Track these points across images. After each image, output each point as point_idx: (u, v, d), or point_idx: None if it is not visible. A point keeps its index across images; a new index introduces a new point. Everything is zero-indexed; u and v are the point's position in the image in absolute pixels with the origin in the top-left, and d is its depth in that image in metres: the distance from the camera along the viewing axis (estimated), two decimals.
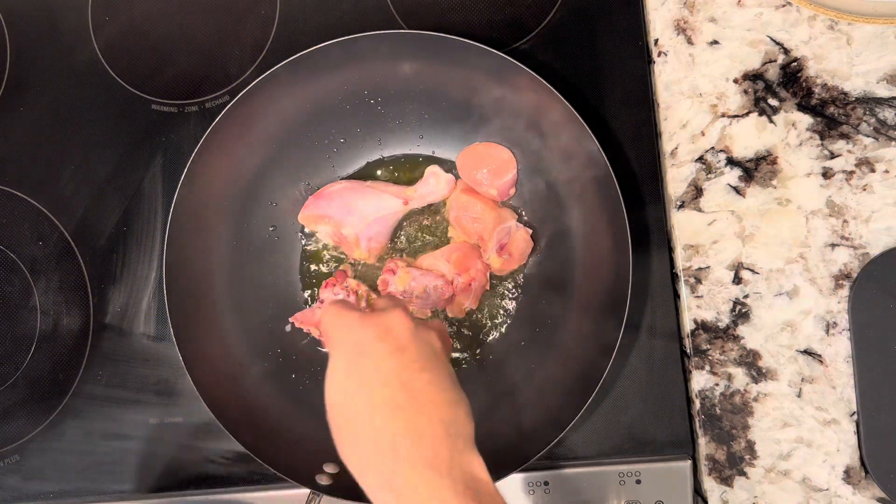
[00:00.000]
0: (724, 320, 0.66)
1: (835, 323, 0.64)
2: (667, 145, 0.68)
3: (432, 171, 0.69)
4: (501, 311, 0.70)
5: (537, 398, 0.65)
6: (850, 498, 0.63)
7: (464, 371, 0.69)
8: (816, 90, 0.66)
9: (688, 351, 0.66)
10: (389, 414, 0.46)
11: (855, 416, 0.63)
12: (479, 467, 0.45)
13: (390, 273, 0.68)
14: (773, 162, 0.66)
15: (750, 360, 0.65)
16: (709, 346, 0.65)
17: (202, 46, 0.76)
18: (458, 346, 0.69)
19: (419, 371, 0.47)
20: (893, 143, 0.65)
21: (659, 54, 0.68)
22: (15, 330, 0.73)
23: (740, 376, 0.65)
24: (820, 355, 0.64)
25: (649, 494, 0.65)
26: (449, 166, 0.70)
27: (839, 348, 0.64)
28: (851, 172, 0.65)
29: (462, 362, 0.69)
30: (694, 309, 0.66)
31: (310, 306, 0.70)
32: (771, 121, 0.67)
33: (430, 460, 0.44)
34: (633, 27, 0.71)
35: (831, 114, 0.66)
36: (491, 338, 0.70)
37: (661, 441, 0.67)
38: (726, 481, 0.64)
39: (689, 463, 0.65)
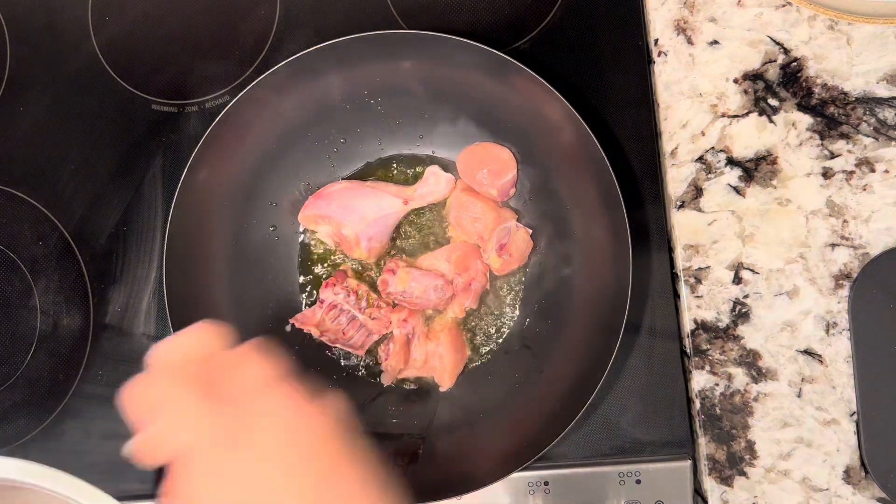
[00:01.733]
0: (724, 320, 0.66)
1: (835, 323, 0.64)
2: (667, 145, 0.68)
3: (432, 170, 0.69)
4: (501, 312, 0.70)
5: (538, 398, 0.65)
6: (850, 498, 0.63)
7: (465, 372, 0.69)
8: (816, 90, 0.66)
9: (688, 351, 0.66)
10: None
11: (855, 416, 0.63)
12: None
13: (390, 273, 0.68)
14: (773, 162, 0.66)
15: (750, 360, 0.65)
16: (709, 346, 0.65)
17: (202, 46, 0.76)
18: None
19: (335, 477, 0.35)
20: (893, 143, 0.65)
21: (659, 54, 0.68)
22: (15, 330, 0.73)
23: (740, 376, 0.65)
24: (820, 355, 0.64)
25: (649, 494, 0.65)
26: (449, 166, 0.70)
27: (839, 348, 0.64)
28: (851, 172, 0.65)
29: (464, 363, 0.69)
30: (694, 309, 0.66)
31: (310, 307, 0.70)
32: (771, 121, 0.67)
33: None
34: (633, 27, 0.71)
35: (831, 114, 0.66)
36: (491, 338, 0.70)
37: (661, 441, 0.67)
38: (726, 481, 0.64)
39: (689, 463, 0.65)
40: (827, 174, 0.65)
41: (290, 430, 0.35)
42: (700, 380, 0.65)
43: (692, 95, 0.67)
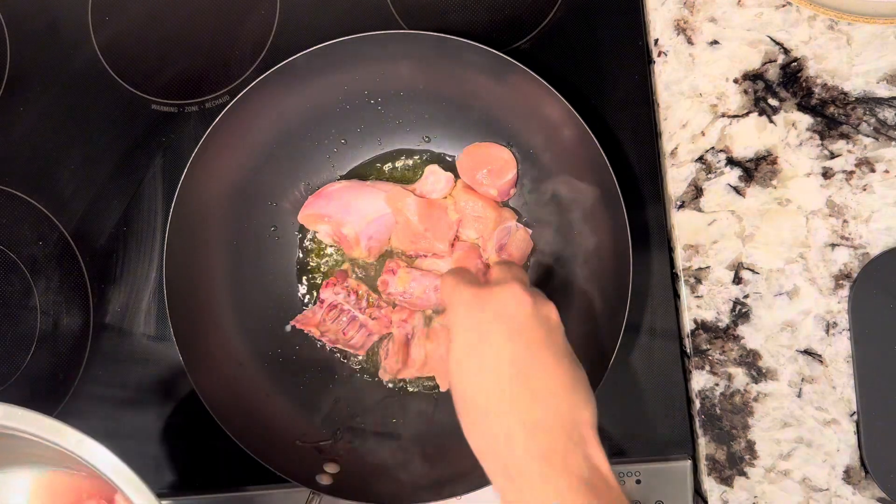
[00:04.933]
0: (724, 320, 0.66)
1: (835, 323, 0.64)
2: (667, 145, 0.68)
3: (431, 170, 0.69)
4: None
5: None
6: (850, 498, 0.63)
7: None
8: (816, 90, 0.66)
9: (688, 351, 0.66)
10: (506, 405, 0.46)
11: (855, 416, 0.64)
12: (597, 457, 0.45)
13: (390, 273, 0.68)
14: (773, 162, 0.66)
15: (750, 360, 0.65)
16: (709, 346, 0.65)
17: (202, 46, 0.76)
18: None
19: (535, 355, 0.47)
20: (893, 143, 0.65)
21: (659, 54, 0.68)
22: (15, 330, 0.73)
23: (740, 376, 0.65)
24: (820, 355, 0.64)
25: (649, 494, 0.65)
26: (449, 166, 0.70)
27: (839, 348, 0.64)
28: (851, 172, 0.65)
29: None
30: (694, 309, 0.66)
31: (310, 307, 0.70)
32: (771, 121, 0.67)
33: (544, 453, 0.44)
34: (633, 27, 0.71)
35: (831, 114, 0.66)
36: None
37: (661, 441, 0.67)
38: (726, 481, 0.64)
39: (689, 463, 0.65)
40: (827, 174, 0.65)
41: (517, 306, 0.49)
42: (700, 380, 0.65)
43: (692, 95, 0.67)
